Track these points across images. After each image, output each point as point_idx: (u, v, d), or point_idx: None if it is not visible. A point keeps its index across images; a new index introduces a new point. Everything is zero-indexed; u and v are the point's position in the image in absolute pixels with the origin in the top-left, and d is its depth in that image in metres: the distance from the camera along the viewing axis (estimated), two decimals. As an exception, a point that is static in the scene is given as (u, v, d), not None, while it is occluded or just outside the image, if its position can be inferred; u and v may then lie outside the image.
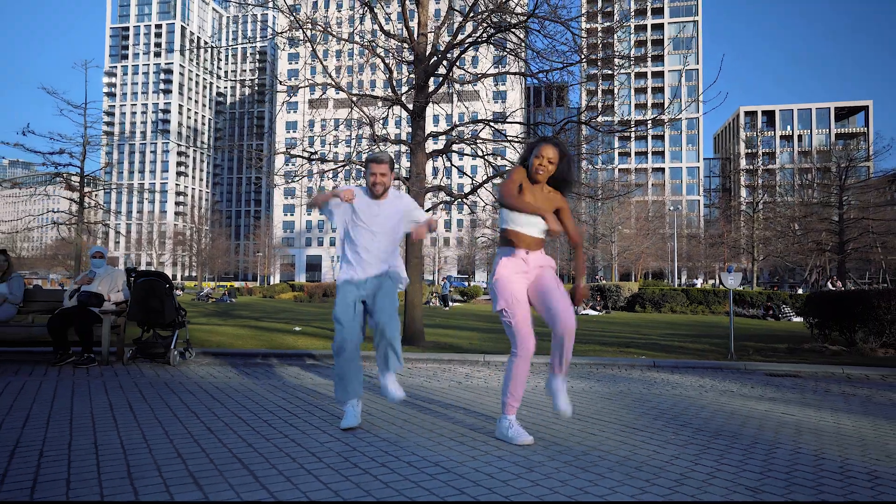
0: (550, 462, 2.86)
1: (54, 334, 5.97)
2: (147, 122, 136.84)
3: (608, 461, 2.89)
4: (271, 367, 6.29)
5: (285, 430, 3.45)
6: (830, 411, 4.38)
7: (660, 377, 6.15)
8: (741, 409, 4.39)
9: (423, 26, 10.19)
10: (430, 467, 2.74)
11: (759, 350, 9.33)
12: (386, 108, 10.87)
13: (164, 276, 6.35)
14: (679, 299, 25.75)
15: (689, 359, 7.85)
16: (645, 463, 2.88)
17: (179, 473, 2.58)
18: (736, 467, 2.83)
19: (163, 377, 5.38)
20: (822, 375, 6.55)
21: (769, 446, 3.25)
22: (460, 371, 6.34)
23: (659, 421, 3.88)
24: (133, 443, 3.08)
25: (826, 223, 37.61)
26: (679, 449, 3.15)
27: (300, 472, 2.62)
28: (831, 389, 5.54)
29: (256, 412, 3.92)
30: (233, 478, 2.54)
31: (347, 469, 2.69)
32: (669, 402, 4.64)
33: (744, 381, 5.95)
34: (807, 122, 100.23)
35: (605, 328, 14.74)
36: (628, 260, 55.32)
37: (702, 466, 2.84)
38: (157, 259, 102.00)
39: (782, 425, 3.83)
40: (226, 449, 2.99)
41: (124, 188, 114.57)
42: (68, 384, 4.88)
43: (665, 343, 10.48)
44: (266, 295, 46.61)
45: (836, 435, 3.59)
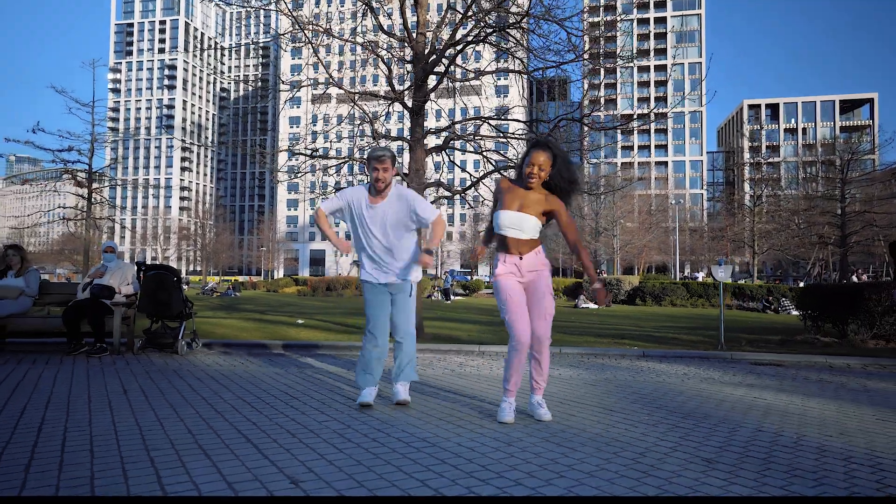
0: (528, 438, 3.13)
1: (68, 325, 6.26)
2: (152, 118, 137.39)
3: (581, 437, 3.16)
4: (274, 357, 6.57)
5: (286, 410, 3.72)
6: (802, 396, 4.64)
7: (647, 366, 6.41)
8: (717, 394, 4.64)
9: (423, 25, 10.42)
10: (416, 442, 3.01)
11: (752, 342, 9.56)
12: (386, 105, 11.11)
13: (173, 270, 6.64)
14: (679, 293, 25.97)
15: (681, 349, 8.09)
16: (615, 439, 3.14)
17: (191, 447, 2.85)
18: (697, 443, 3.09)
19: (171, 365, 5.67)
20: (805, 364, 6.79)
21: (734, 426, 3.51)
22: (455, 360, 6.61)
23: (636, 404, 4.14)
24: (147, 422, 3.36)
25: (828, 216, 37.65)
26: (649, 428, 3.42)
27: (298, 445, 2.90)
28: (810, 377, 5.78)
29: (260, 395, 4.20)
30: (238, 449, 2.81)
31: (342, 443, 2.96)
32: (650, 388, 4.90)
33: (727, 370, 6.20)
34: (811, 115, 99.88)
35: (604, 321, 14.99)
36: (630, 254, 55.49)
37: (666, 442, 3.10)
38: (163, 254, 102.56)
39: (751, 408, 4.08)
40: (231, 426, 3.27)
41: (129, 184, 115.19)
42: (83, 372, 5.17)
43: (660, 335, 10.72)
44: (270, 289, 46.96)
45: (799, 416, 3.84)
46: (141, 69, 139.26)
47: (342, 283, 41.06)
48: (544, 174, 3.59)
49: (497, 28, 9.59)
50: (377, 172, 3.93)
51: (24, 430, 3.15)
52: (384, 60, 10.16)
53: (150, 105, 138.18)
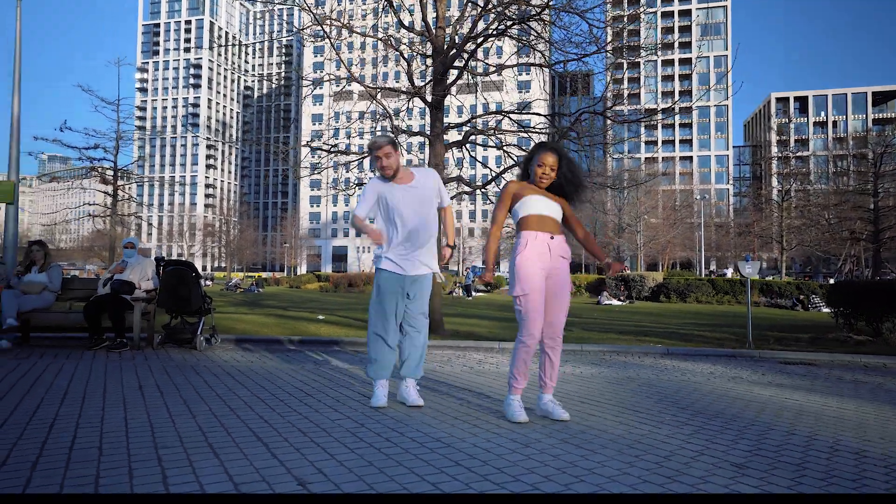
0: (547, 439, 3.01)
1: (89, 320, 6.30)
2: (178, 116, 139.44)
3: (602, 439, 3.03)
4: (292, 353, 6.54)
5: (300, 408, 3.65)
6: (836, 397, 4.44)
7: (671, 364, 6.23)
8: (745, 394, 4.46)
9: (441, 19, 10.30)
10: (431, 442, 2.91)
11: (781, 339, 9.28)
12: (406, 100, 11.02)
13: (192, 266, 6.64)
14: (705, 289, 25.50)
15: (706, 347, 7.88)
16: (638, 441, 3.00)
17: (200, 446, 2.79)
18: (726, 446, 2.94)
19: (189, 361, 5.65)
20: (838, 364, 6.55)
21: (765, 428, 3.35)
22: (474, 357, 6.50)
23: (660, 404, 3.99)
24: (159, 419, 3.31)
25: (860, 211, 36.66)
26: (674, 429, 3.27)
27: (309, 445, 2.82)
28: (843, 377, 5.56)
29: (274, 392, 4.14)
30: (248, 448, 2.74)
31: (354, 443, 2.88)
32: (675, 387, 4.73)
33: (755, 369, 6.00)
34: (842, 108, 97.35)
35: (627, 318, 14.75)
36: (654, 250, 54.74)
37: (693, 445, 2.95)
38: (188, 250, 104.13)
39: (783, 409, 3.91)
40: (243, 424, 3.21)
41: (156, 181, 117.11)
42: (101, 367, 5.18)
43: (684, 332, 10.48)
44: (292, 285, 47.36)
45: (835, 419, 3.66)
46: (167, 69, 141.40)
47: (364, 280, 41.23)
48: (554, 175, 3.56)
49: (518, 20, 9.43)
50: (380, 161, 3.86)
51: (36, 425, 3.13)
52: (404, 56, 10.07)
53: (177, 104, 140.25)
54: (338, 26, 9.23)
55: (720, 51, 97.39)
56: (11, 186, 10.75)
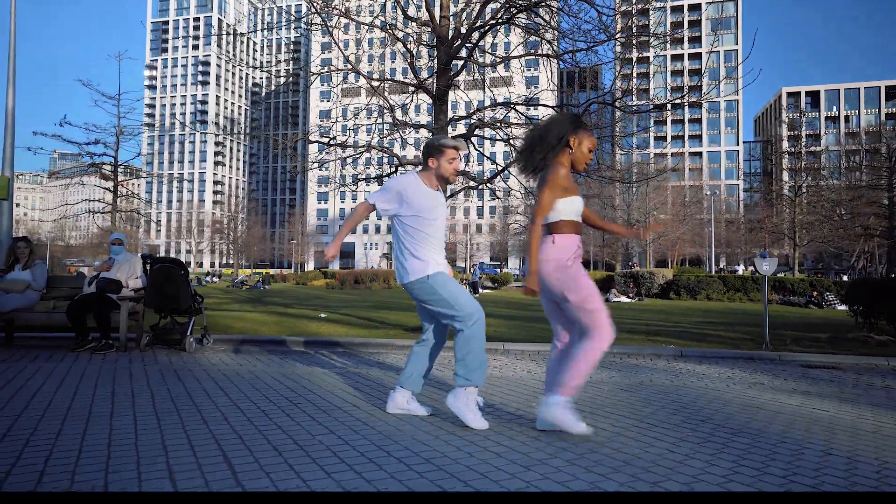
0: (552, 460, 2.66)
1: (73, 320, 6.01)
2: (186, 113, 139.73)
3: (614, 460, 2.68)
4: (286, 354, 6.23)
5: (280, 419, 3.33)
6: (870, 407, 4.06)
7: (686, 368, 5.87)
8: (769, 403, 4.10)
9: (446, 9, 9.95)
10: (420, 464, 2.57)
11: (798, 339, 8.89)
12: (410, 94, 10.68)
13: (180, 263, 6.34)
14: (715, 286, 25.04)
15: (721, 348, 7.51)
16: (655, 463, 2.65)
17: (158, 466, 2.47)
18: (756, 469, 2.59)
19: (175, 364, 5.35)
20: (865, 367, 6.16)
21: (797, 446, 2.99)
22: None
23: (677, 416, 3.63)
24: (121, 432, 2.99)
25: (874, 207, 35.96)
26: (694, 447, 2.92)
27: (280, 467, 2.49)
28: (874, 383, 5.18)
29: (257, 401, 3.81)
30: (210, 470, 2.41)
31: (332, 465, 2.54)
32: (692, 395, 4.37)
33: (777, 374, 5.62)
34: (854, 103, 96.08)
35: (636, 316, 14.37)
36: (664, 246, 54.15)
37: (718, 468, 2.60)
38: (196, 247, 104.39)
39: (814, 422, 3.54)
40: (213, 439, 2.88)
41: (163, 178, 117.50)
42: (81, 370, 4.88)
43: (697, 331, 10.11)
44: (299, 282, 47.26)
45: (873, 434, 3.29)
46: (176, 65, 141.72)
47: (370, 276, 41.02)
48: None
49: (524, 7, 9.05)
50: (455, 163, 3.56)
51: (-16, 441, 2.82)
52: (406, 46, 9.72)
53: (185, 100, 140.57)
54: (337, 13, 8.89)
55: (730, 45, 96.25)
56: (6, 182, 10.50)
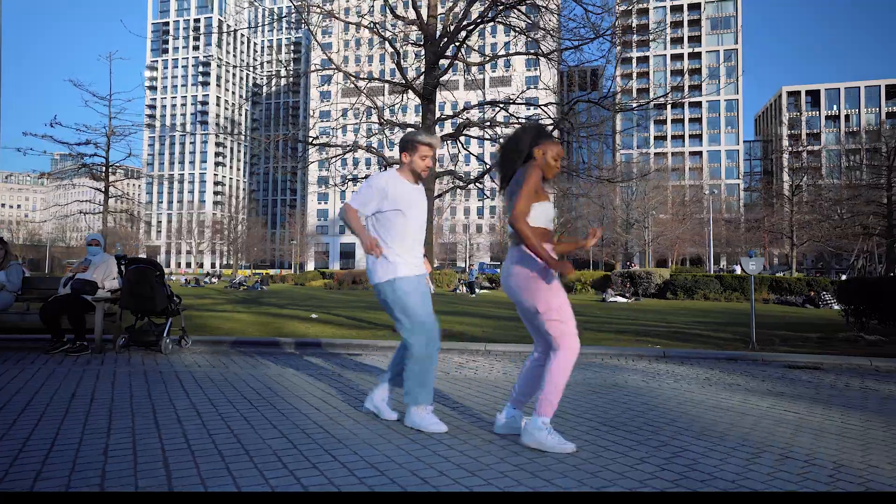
0: (498, 465, 2.61)
1: (46, 322, 5.96)
2: (186, 113, 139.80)
3: (561, 466, 2.62)
4: (264, 355, 6.17)
5: (237, 424, 3.27)
6: (841, 409, 4.00)
7: (666, 369, 5.80)
8: (740, 405, 4.03)
9: (433, 7, 9.91)
10: (364, 469, 2.52)
11: (787, 339, 8.82)
12: (398, 94, 10.64)
13: (155, 264, 6.28)
14: (712, 286, 24.94)
15: (707, 348, 7.44)
16: (604, 468, 2.60)
17: (91, 472, 2.42)
18: (707, 475, 2.53)
19: (147, 366, 5.30)
20: (847, 368, 6.10)
21: (755, 449, 2.93)
22: (454, 360, 6.11)
23: (642, 418, 3.58)
24: (69, 438, 2.94)
25: (873, 206, 35.88)
26: (650, 451, 2.86)
27: (219, 474, 2.44)
28: (851, 384, 5.11)
29: (217, 404, 3.76)
30: (146, 475, 2.36)
31: (274, 471, 2.49)
32: (665, 396, 4.31)
33: (756, 374, 5.56)
34: (855, 102, 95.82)
35: (630, 316, 14.29)
36: (663, 246, 54.07)
37: (667, 473, 2.54)
38: (196, 247, 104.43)
39: (779, 424, 3.48)
40: (159, 446, 2.83)
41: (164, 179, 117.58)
42: (44, 375, 4.83)
43: (687, 331, 10.04)
44: (298, 282, 47.23)
45: (837, 437, 3.23)
46: (176, 66, 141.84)
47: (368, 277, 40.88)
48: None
49: (509, 5, 9.01)
50: (427, 160, 3.49)
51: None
52: (391, 43, 9.68)
53: (186, 101, 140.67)
54: (318, 12, 8.85)
55: (730, 44, 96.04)
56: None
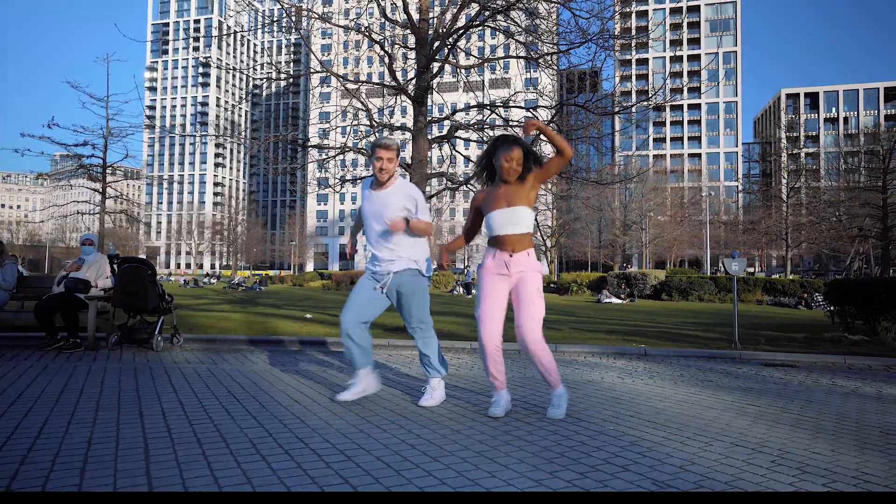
0: (461, 452, 2.76)
1: (41, 320, 6.11)
2: (186, 114, 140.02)
3: (524, 451, 2.77)
4: (255, 353, 6.31)
5: (217, 415, 3.42)
6: (802, 402, 4.14)
7: (643, 367, 5.94)
8: (706, 399, 4.18)
9: (425, 11, 10.05)
10: (332, 454, 2.67)
11: (773, 339, 8.96)
12: (391, 96, 10.78)
13: (147, 263, 6.43)
14: (707, 287, 25.08)
15: (694, 347, 7.58)
16: (562, 455, 2.75)
17: (76, 459, 2.56)
18: (658, 461, 2.67)
19: (138, 362, 5.44)
20: (821, 365, 6.24)
21: (710, 437, 3.07)
22: (439, 358, 6.24)
23: (608, 411, 3.72)
24: (55, 428, 3.09)
25: (869, 208, 36.01)
26: (609, 440, 3.00)
27: (197, 457, 2.58)
28: (820, 381, 5.25)
29: (202, 398, 3.91)
30: (124, 461, 2.51)
31: (246, 456, 2.64)
32: (631, 395, 4.46)
33: (729, 372, 5.70)
34: (853, 104, 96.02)
35: (622, 317, 14.44)
36: (661, 247, 54.21)
37: (620, 459, 2.69)
38: (196, 248, 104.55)
39: (739, 415, 3.62)
40: (141, 435, 2.98)
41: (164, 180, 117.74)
42: (39, 368, 4.98)
43: (676, 332, 10.18)
44: (296, 283, 47.37)
45: (791, 427, 3.37)
46: (176, 67, 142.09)
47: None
48: (520, 169, 3.52)
49: (498, 10, 9.15)
50: (381, 162, 3.72)
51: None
52: (382, 46, 9.82)
53: (186, 102, 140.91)
54: (306, 15, 8.99)
55: (729, 46, 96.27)
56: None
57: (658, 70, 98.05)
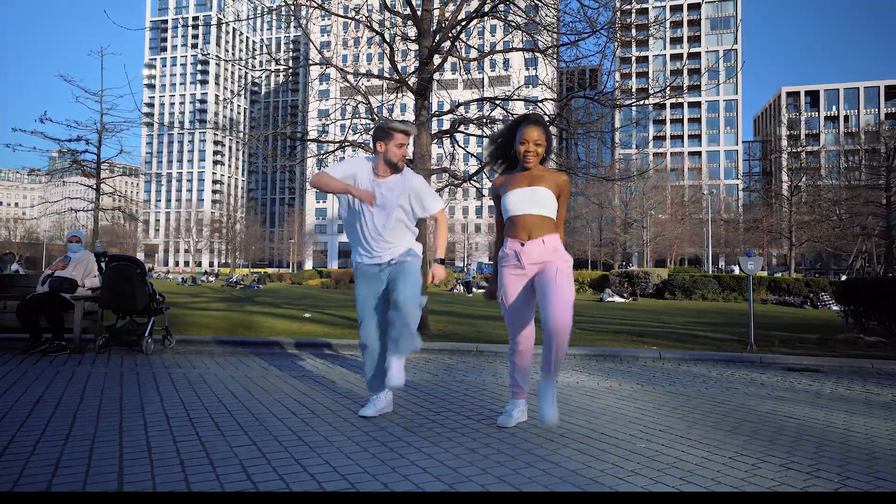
0: (479, 477, 2.43)
1: (23, 321, 5.78)
2: (185, 111, 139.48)
3: (553, 476, 2.44)
4: (250, 355, 5.99)
5: (204, 431, 3.09)
6: (845, 414, 3.83)
7: (662, 370, 5.62)
8: (735, 409, 3.86)
9: (427, 2, 9.72)
10: (333, 480, 2.34)
11: (786, 341, 8.66)
12: (393, 90, 10.45)
13: (136, 261, 6.10)
14: (710, 286, 24.79)
15: (706, 349, 7.28)
16: (576, 473, 2.42)
17: (39, 483, 2.24)
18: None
19: (126, 367, 5.12)
20: (848, 370, 5.93)
21: (737, 450, 2.75)
22: (447, 362, 5.92)
23: (635, 425, 3.40)
24: (26, 439, 2.76)
25: (871, 207, 35.74)
26: (634, 454, 2.68)
27: (178, 484, 2.25)
28: (854, 388, 4.94)
29: (191, 408, 3.58)
30: (94, 485, 2.18)
31: (234, 483, 2.31)
32: (663, 398, 4.14)
33: (755, 377, 5.38)
34: (854, 102, 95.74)
35: (627, 316, 14.14)
36: (662, 246, 53.94)
37: (640, 479, 2.37)
38: (195, 246, 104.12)
39: (781, 430, 3.30)
40: (117, 455, 2.65)
41: (163, 177, 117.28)
42: (17, 374, 4.65)
43: (685, 332, 9.87)
44: (295, 281, 47.05)
45: (842, 445, 3.06)
46: (175, 64, 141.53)
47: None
48: (541, 150, 3.14)
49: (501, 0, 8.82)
50: (403, 148, 3.41)
51: None
52: (383, 37, 9.49)
53: (184, 100, 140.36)
54: (312, 6, 8.66)
55: (730, 44, 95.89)
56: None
57: (659, 68, 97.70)
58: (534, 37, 9.39)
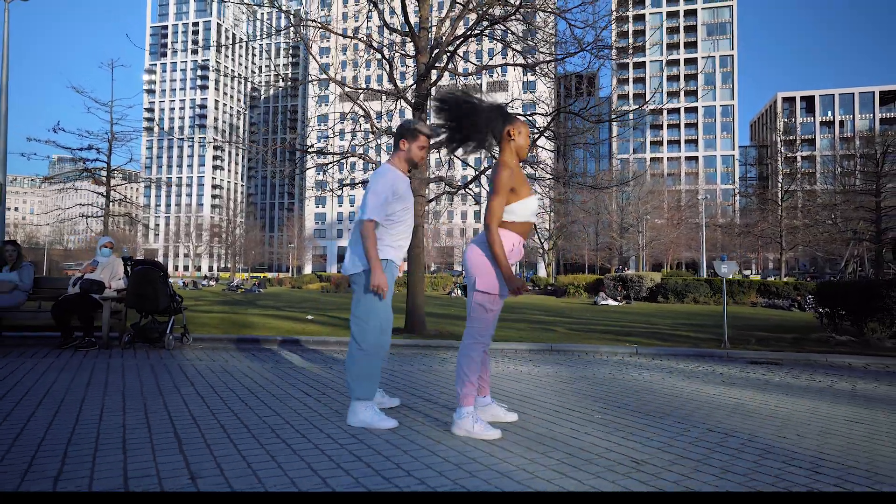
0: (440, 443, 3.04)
1: (57, 320, 6.38)
2: (185, 117, 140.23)
3: (522, 436, 3.06)
4: (259, 351, 6.59)
5: (233, 404, 3.70)
6: (780, 395, 4.43)
7: (635, 363, 6.23)
8: (694, 393, 4.47)
9: (425, 20, 10.34)
10: (294, 457, 2.95)
11: (763, 340, 9.25)
12: (390, 101, 11.05)
13: (159, 265, 6.70)
14: (703, 290, 25.39)
15: (681, 346, 7.87)
16: (551, 438, 3.03)
17: (56, 448, 2.84)
18: (636, 443, 2.96)
19: (153, 360, 5.72)
20: (803, 363, 6.54)
21: (686, 425, 3.36)
22: (440, 357, 6.53)
23: (599, 402, 4.01)
24: (64, 419, 3.37)
25: (862, 211, 36.41)
26: (598, 428, 3.29)
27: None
28: (800, 377, 5.54)
29: (217, 388, 4.19)
30: (106, 455, 2.79)
31: (211, 447, 2.92)
32: (625, 386, 4.75)
33: (717, 368, 5.99)
34: (849, 107, 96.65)
35: (617, 318, 14.72)
36: (658, 250, 54.55)
37: (604, 441, 2.98)
38: (194, 251, 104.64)
39: (718, 408, 3.91)
40: (145, 429, 3.25)
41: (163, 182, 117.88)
42: (60, 365, 5.25)
43: (669, 332, 10.46)
44: (294, 285, 47.56)
45: (765, 417, 3.66)
46: (175, 70, 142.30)
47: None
48: None
49: (496, 20, 9.45)
50: (424, 150, 3.49)
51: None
52: (384, 56, 10.11)
53: (184, 105, 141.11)
54: (315, 26, 9.28)
55: (726, 50, 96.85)
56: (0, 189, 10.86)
57: (655, 74, 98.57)
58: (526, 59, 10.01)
